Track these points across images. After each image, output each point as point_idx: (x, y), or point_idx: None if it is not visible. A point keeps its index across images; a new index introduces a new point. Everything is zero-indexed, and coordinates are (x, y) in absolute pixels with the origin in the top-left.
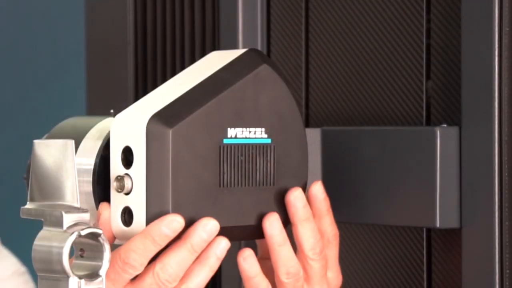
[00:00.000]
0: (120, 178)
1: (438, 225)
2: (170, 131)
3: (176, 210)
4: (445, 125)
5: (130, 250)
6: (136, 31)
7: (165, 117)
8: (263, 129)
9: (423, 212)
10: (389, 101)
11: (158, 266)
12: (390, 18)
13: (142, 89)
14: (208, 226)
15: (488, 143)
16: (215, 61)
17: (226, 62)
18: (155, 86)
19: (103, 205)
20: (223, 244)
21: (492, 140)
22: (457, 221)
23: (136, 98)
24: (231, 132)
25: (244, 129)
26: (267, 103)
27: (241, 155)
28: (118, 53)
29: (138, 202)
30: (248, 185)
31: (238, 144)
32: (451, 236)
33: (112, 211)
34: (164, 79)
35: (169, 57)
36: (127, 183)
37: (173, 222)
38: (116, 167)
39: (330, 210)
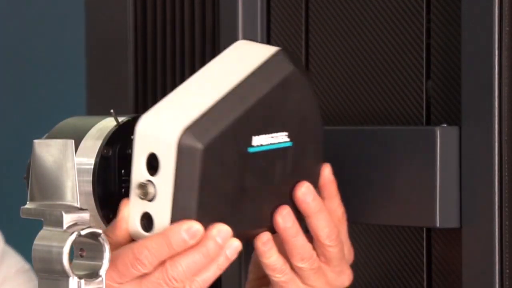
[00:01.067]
0: (143, 185)
1: (438, 225)
2: (202, 148)
3: (200, 221)
4: (445, 125)
5: (144, 247)
6: (136, 31)
7: (197, 132)
8: (286, 133)
9: (423, 212)
10: (389, 101)
11: (169, 262)
12: (390, 18)
13: (142, 89)
14: (223, 232)
15: (488, 143)
16: (244, 57)
17: (255, 62)
18: (155, 86)
19: (124, 202)
20: (235, 245)
21: (492, 140)
22: (457, 221)
23: (136, 98)
24: (256, 140)
25: (269, 135)
26: (293, 107)
27: (264, 162)
28: (118, 53)
29: (161, 211)
30: (267, 188)
31: (262, 152)
32: (451, 236)
33: (131, 214)
34: (164, 79)
35: (169, 57)
36: (150, 190)
37: (193, 228)
38: (138, 172)
39: (338, 190)
